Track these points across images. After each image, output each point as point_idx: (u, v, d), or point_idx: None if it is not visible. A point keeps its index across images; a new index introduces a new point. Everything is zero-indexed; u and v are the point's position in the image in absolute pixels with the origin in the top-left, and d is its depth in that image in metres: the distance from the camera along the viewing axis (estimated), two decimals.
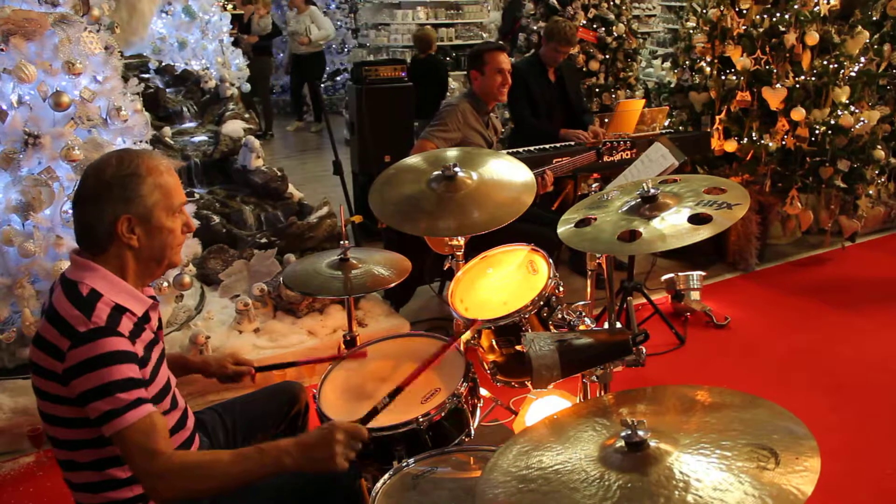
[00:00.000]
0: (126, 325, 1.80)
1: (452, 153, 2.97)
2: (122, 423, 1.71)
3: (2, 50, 3.39)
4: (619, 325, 2.19)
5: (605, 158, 4.19)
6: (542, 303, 2.53)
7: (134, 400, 1.73)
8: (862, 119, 5.36)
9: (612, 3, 7.00)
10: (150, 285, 2.02)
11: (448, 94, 9.59)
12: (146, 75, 6.91)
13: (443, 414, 2.27)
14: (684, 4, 6.62)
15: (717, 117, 5.64)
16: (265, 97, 11.22)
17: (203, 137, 6.37)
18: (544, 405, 2.91)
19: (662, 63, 9.29)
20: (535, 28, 7.07)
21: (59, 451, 1.88)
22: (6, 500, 3.18)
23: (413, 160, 2.98)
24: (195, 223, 2.04)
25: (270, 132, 11.26)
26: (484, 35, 10.49)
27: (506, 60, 4.29)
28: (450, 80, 10.02)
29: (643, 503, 1.36)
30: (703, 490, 1.35)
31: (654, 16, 10.74)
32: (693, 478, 1.38)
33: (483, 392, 2.69)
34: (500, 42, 8.72)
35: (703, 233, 1.94)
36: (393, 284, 2.73)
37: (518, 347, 2.52)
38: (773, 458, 1.40)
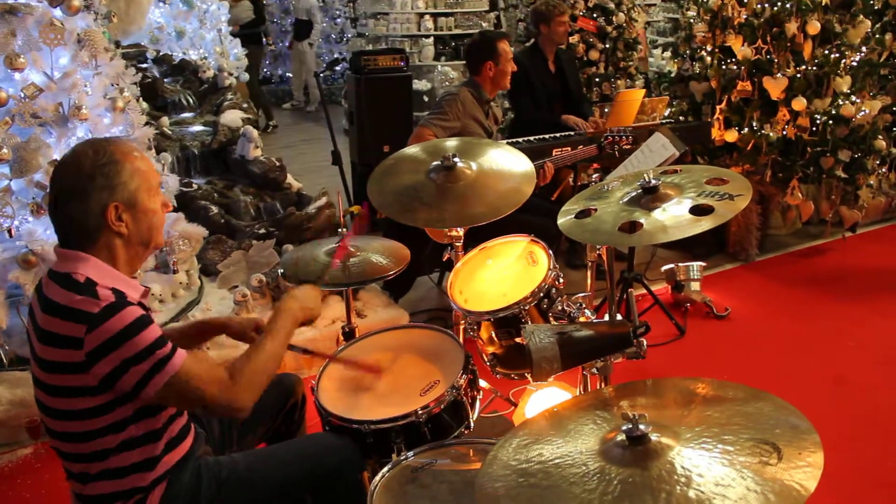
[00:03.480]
0: (131, 301, 1.81)
1: (452, 143, 2.96)
2: (170, 371, 1.76)
3: None
4: (619, 316, 2.18)
5: (607, 151, 4.17)
6: (541, 294, 2.51)
7: (172, 348, 1.79)
8: (863, 109, 5.33)
9: None
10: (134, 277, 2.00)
11: (448, 83, 9.57)
12: (144, 65, 6.88)
13: (442, 406, 2.26)
14: None
15: (718, 107, 5.61)
16: (254, 88, 11.14)
17: (201, 127, 6.34)
18: (544, 397, 2.90)
19: (663, 52, 9.25)
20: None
21: (68, 444, 1.86)
22: (4, 491, 3.18)
23: (412, 150, 2.96)
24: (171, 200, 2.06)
25: (272, 122, 11.17)
26: (483, 25, 10.43)
27: (510, 48, 4.31)
28: (449, 69, 10.00)
29: (644, 498, 1.35)
30: (705, 485, 1.34)
31: (654, 5, 10.68)
32: (695, 473, 1.37)
33: (482, 383, 2.67)
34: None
35: (705, 224, 1.93)
36: (393, 274, 2.71)
37: (518, 339, 2.51)
38: (776, 453, 1.38)
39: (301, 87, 12.78)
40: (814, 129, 5.33)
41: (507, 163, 2.79)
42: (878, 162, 5.67)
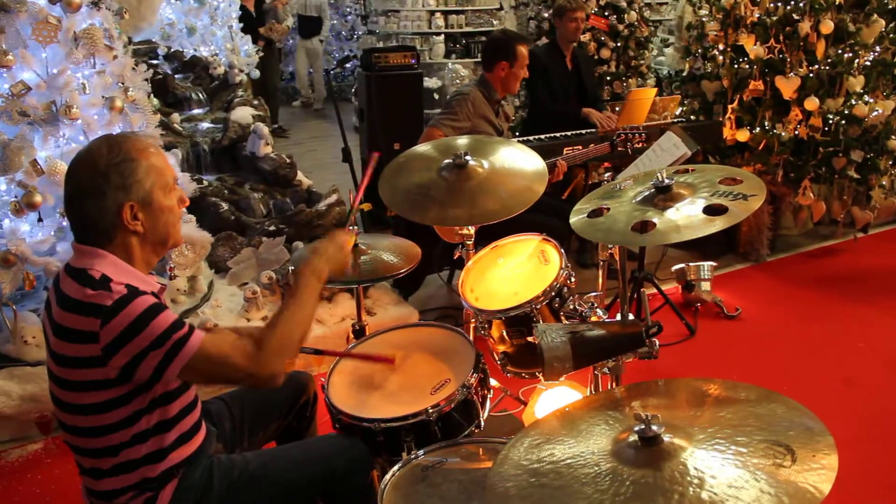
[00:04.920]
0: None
1: (463, 141, 2.95)
2: (189, 350, 1.75)
3: None
4: (630, 316, 2.17)
5: (620, 149, 4.15)
6: (553, 293, 2.51)
7: (189, 330, 1.77)
8: (876, 109, 5.30)
9: None
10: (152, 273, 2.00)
11: (458, 81, 9.55)
12: (155, 61, 6.89)
13: (452, 405, 2.26)
14: None
15: (730, 106, 5.59)
16: (277, 87, 11.04)
17: (211, 124, 6.35)
18: (554, 396, 2.89)
19: (674, 51, 9.21)
20: (545, 16, 7.01)
21: (82, 439, 1.86)
22: (14, 486, 3.19)
23: (423, 148, 2.95)
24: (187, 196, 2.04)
25: (277, 124, 10.98)
26: (495, 23, 10.41)
27: (528, 55, 4.31)
28: (459, 67, 9.98)
29: (657, 499, 1.34)
30: (718, 487, 1.33)
31: (666, 3, 10.63)
32: (708, 474, 1.36)
33: (492, 382, 2.67)
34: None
35: (719, 224, 1.91)
36: (403, 272, 2.71)
37: (529, 338, 2.50)
38: (790, 455, 1.37)
39: (307, 85, 12.75)
40: (826, 128, 5.31)
41: (518, 161, 2.78)
42: (890, 162, 5.64)
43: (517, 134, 5.60)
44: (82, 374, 1.76)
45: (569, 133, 4.98)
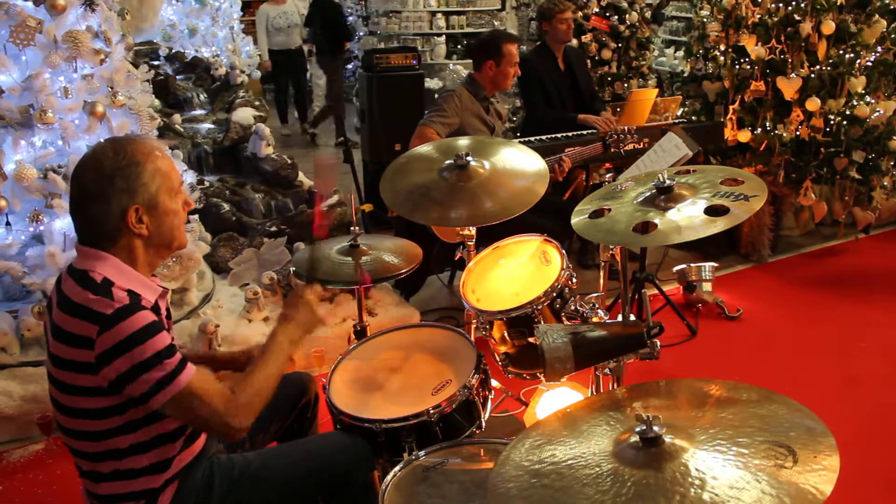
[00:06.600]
0: (145, 305, 1.80)
1: (464, 142, 2.95)
2: (178, 385, 1.75)
3: None
4: (632, 317, 2.17)
5: (612, 150, 4.17)
6: (555, 294, 2.51)
7: (180, 361, 1.77)
8: (878, 109, 5.30)
9: None
10: (155, 275, 2.00)
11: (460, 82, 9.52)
12: (156, 62, 6.90)
13: (454, 406, 2.26)
14: None
15: (731, 107, 5.58)
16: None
17: (213, 125, 6.35)
18: (555, 396, 2.89)
19: (675, 52, 9.21)
20: None
21: (80, 442, 1.86)
22: (16, 486, 3.19)
23: (425, 149, 2.95)
24: (193, 200, 2.03)
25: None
26: (496, 24, 10.42)
27: (517, 52, 4.29)
28: (460, 67, 9.97)
29: (658, 500, 1.34)
30: (720, 488, 1.33)
31: (668, 4, 10.63)
32: (709, 475, 1.36)
33: (493, 383, 2.67)
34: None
35: (720, 224, 1.91)
36: (404, 273, 2.71)
37: (531, 339, 2.50)
38: (791, 456, 1.37)
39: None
40: (827, 129, 5.30)
41: (520, 162, 2.79)
42: (892, 163, 5.63)
43: (518, 135, 5.58)
44: (77, 379, 1.76)
45: (570, 134, 4.97)
